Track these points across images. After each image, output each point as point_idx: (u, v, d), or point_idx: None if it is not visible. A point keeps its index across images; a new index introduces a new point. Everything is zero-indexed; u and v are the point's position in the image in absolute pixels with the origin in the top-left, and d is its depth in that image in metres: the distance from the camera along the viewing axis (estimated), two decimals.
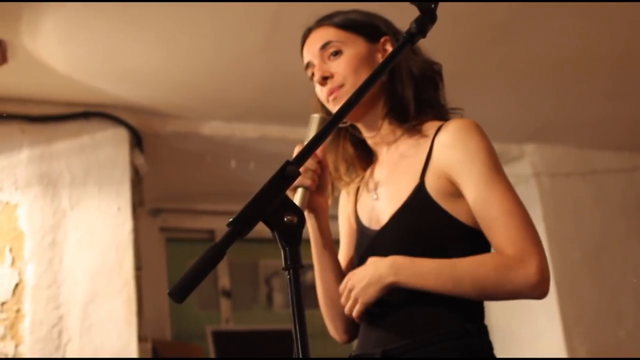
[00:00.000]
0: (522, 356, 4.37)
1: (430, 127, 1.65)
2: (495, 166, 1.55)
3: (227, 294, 4.70)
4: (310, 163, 1.59)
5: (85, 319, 3.36)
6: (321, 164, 1.63)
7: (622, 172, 4.71)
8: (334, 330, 1.74)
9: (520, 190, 1.60)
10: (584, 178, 4.63)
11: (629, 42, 3.56)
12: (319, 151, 1.62)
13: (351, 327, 1.71)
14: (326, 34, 1.74)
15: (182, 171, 4.33)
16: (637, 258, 4.65)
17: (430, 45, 1.73)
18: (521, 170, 4.54)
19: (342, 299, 1.60)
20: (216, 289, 4.71)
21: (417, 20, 1.42)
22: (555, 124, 4.34)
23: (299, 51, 1.80)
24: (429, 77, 1.71)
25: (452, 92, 1.77)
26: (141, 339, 3.43)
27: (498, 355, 1.55)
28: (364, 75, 1.63)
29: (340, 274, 1.69)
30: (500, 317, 4.43)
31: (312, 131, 1.63)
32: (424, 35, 1.43)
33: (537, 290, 1.48)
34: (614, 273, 4.56)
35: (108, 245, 3.50)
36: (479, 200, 1.53)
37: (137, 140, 3.79)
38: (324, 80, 1.70)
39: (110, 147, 3.65)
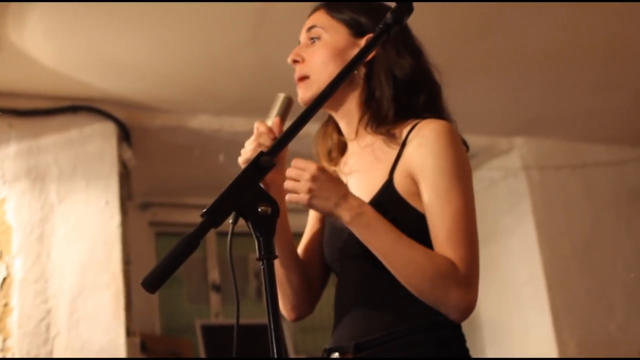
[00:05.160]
0: (513, 348, 4.37)
1: (406, 124, 1.60)
2: (458, 175, 1.51)
3: (217, 288, 4.69)
4: (264, 139, 1.58)
5: (73, 313, 3.36)
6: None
7: (611, 165, 4.71)
8: (282, 307, 1.69)
9: (509, 183, 1.60)
10: (573, 171, 4.63)
11: (617, 33, 3.56)
12: (275, 128, 1.61)
13: (299, 305, 1.70)
14: (317, 17, 1.71)
15: (170, 165, 4.32)
16: (627, 251, 4.66)
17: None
18: (510, 164, 4.53)
19: (287, 173, 1.49)
20: (206, 283, 4.70)
21: (394, 11, 1.42)
22: (544, 116, 4.33)
23: (287, 43, 1.78)
24: (416, 82, 1.64)
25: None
26: (129, 333, 3.43)
27: (489, 348, 1.55)
28: (332, 67, 1.61)
29: (292, 253, 1.65)
30: (491, 310, 4.43)
31: (274, 109, 1.63)
32: (400, 26, 1.42)
33: (460, 316, 1.48)
34: (604, 266, 4.57)
35: (96, 239, 3.49)
36: (432, 208, 1.50)
37: (125, 134, 3.78)
38: (294, 62, 1.69)
39: (98, 141, 3.64)
